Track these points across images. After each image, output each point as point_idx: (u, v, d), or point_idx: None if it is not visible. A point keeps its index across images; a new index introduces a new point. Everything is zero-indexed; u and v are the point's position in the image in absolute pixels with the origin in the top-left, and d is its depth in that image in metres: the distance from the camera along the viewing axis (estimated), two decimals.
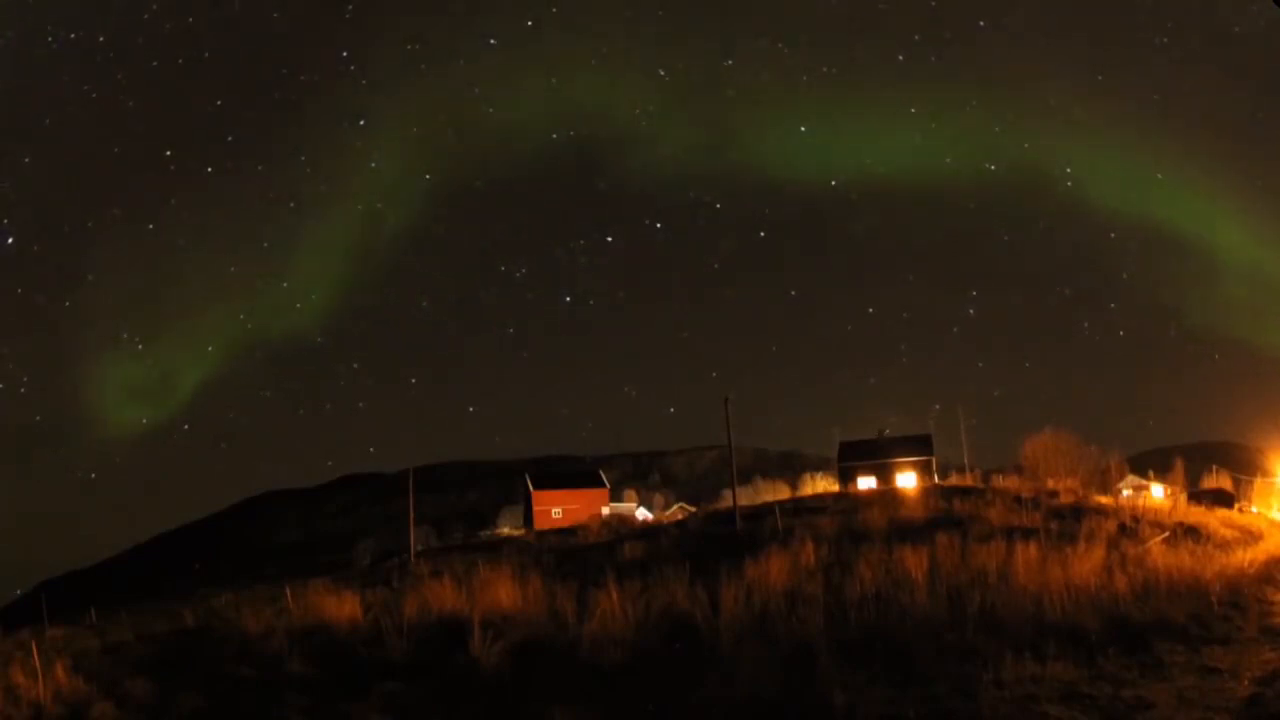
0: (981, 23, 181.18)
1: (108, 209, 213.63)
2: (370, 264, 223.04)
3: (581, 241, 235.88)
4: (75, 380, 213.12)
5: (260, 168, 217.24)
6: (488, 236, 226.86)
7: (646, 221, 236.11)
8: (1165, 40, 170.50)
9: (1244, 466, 66.72)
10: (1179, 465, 61.41)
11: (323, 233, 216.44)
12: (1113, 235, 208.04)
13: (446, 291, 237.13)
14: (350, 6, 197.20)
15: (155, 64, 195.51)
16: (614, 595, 14.76)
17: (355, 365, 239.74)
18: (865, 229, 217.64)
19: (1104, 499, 41.14)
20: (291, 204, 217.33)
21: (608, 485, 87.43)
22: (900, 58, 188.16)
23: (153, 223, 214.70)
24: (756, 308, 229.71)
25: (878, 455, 66.44)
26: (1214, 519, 32.52)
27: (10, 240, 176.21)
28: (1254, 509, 48.11)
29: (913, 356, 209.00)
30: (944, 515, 32.15)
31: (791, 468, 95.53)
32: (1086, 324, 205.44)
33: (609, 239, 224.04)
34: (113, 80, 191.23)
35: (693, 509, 75.48)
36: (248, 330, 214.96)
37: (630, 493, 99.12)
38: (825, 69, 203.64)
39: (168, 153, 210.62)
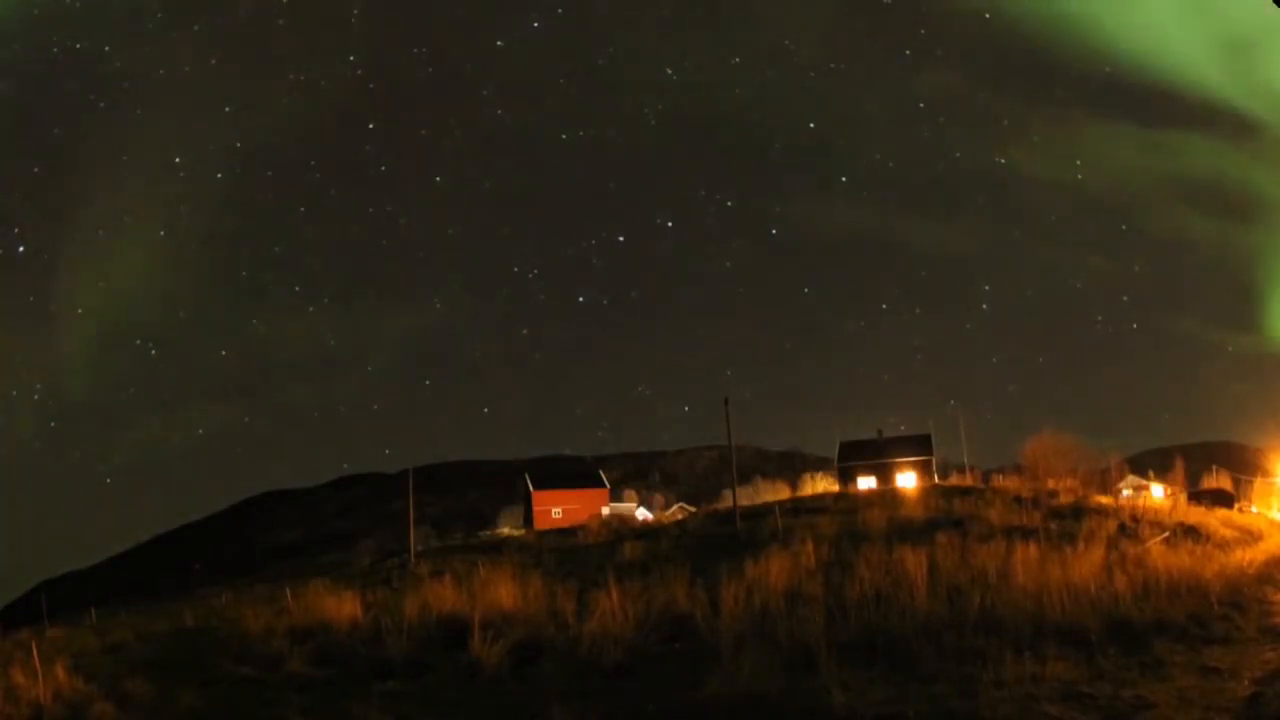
0: (987, 15, 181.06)
1: (118, 216, 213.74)
2: (381, 267, 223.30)
3: (593, 241, 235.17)
4: (87, 385, 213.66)
5: (269, 173, 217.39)
6: (499, 237, 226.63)
7: (658, 220, 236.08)
8: (1172, 33, 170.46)
9: (1244, 466, 66.77)
10: (1179, 465, 61.43)
11: (332, 236, 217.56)
12: (1124, 228, 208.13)
13: (459, 293, 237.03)
14: (356, 11, 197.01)
15: (162, 72, 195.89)
16: (614, 595, 14.76)
17: (369, 368, 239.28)
18: (876, 225, 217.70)
19: (1104, 499, 41.13)
20: (301, 209, 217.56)
21: (608, 485, 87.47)
22: (907, 52, 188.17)
23: (163, 229, 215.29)
24: (768, 306, 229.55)
25: (878, 455, 66.45)
26: (1214, 519, 32.51)
27: (21, 249, 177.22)
28: (1254, 509, 48.12)
29: (926, 353, 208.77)
30: (944, 515, 32.16)
31: (792, 468, 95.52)
32: (1100, 317, 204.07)
33: (620, 238, 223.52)
34: (120, 89, 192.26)
35: (693, 509, 75.46)
36: (260, 335, 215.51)
37: (630, 493, 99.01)
38: (832, 65, 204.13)
39: (176, 159, 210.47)
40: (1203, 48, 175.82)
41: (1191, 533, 26.09)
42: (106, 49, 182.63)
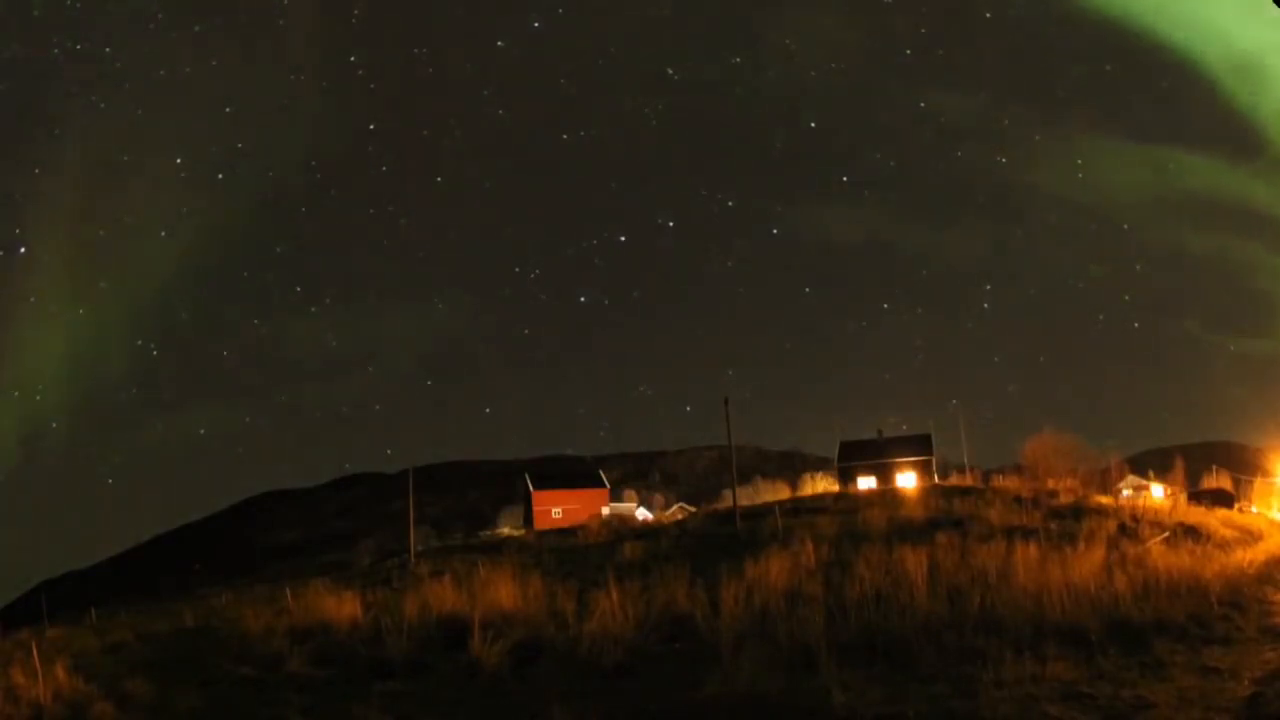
0: (988, 14, 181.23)
1: (119, 217, 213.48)
2: (381, 267, 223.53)
3: (594, 241, 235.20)
4: (87, 385, 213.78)
5: (271, 173, 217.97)
6: (499, 238, 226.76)
7: (659, 220, 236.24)
8: (1174, 31, 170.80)
9: (1244, 466, 66.76)
10: (1179, 465, 61.47)
11: (332, 236, 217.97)
12: (1126, 227, 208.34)
13: (459, 293, 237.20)
14: (356, 11, 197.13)
15: (163, 73, 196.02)
16: (614, 595, 14.75)
17: (370, 368, 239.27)
18: (877, 224, 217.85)
19: (1104, 499, 41.13)
20: (303, 209, 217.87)
21: (608, 485, 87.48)
22: (908, 51, 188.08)
23: (163, 229, 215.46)
24: (768, 306, 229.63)
25: (878, 455, 66.45)
26: (1214, 519, 32.52)
27: (23, 250, 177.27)
28: (1254, 509, 48.13)
29: (926, 353, 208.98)
30: (944, 515, 32.16)
31: (792, 468, 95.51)
32: (1102, 316, 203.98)
33: (621, 238, 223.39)
34: (121, 89, 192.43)
35: (693, 509, 75.46)
36: (262, 335, 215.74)
37: (630, 493, 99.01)
38: (833, 65, 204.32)
39: (178, 160, 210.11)
40: (1207, 63, 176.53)
41: (1191, 533, 26.09)
42: (106, 49, 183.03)
